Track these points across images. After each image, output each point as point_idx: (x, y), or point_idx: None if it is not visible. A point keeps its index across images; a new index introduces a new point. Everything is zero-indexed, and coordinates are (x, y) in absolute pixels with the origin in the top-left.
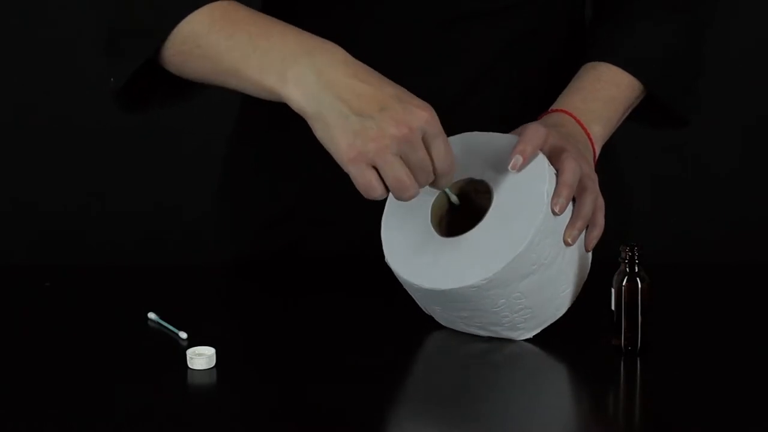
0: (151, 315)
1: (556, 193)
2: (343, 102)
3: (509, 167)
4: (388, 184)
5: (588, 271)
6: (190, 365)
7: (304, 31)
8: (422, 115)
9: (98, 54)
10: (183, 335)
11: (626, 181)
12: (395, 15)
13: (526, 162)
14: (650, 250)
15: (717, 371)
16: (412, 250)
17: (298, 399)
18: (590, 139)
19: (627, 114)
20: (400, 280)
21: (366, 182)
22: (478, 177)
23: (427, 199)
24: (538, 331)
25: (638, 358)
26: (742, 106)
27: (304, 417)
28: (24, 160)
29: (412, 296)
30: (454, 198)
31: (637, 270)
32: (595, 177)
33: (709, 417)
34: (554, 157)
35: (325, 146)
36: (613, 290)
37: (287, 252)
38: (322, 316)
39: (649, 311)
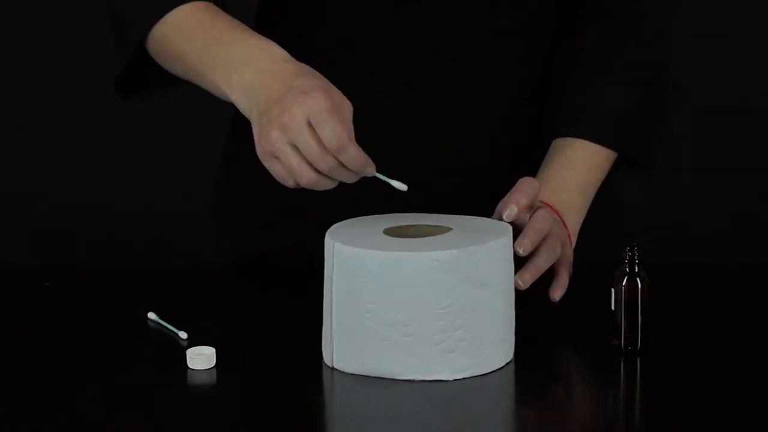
0: (151, 315)
1: (522, 235)
2: (257, 104)
3: (504, 216)
4: (292, 174)
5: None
6: (190, 365)
7: (254, 35)
8: (306, 101)
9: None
10: (183, 335)
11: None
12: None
13: (521, 211)
14: (648, 249)
15: (717, 372)
16: (365, 237)
17: (298, 399)
18: (566, 229)
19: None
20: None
21: (277, 174)
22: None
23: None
24: (465, 374)
25: (638, 359)
26: (742, 104)
27: (304, 417)
28: (24, 160)
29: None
30: (396, 184)
31: (637, 270)
32: (569, 253)
33: (709, 417)
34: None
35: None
36: (613, 290)
37: (287, 249)
38: (322, 316)
39: (649, 311)
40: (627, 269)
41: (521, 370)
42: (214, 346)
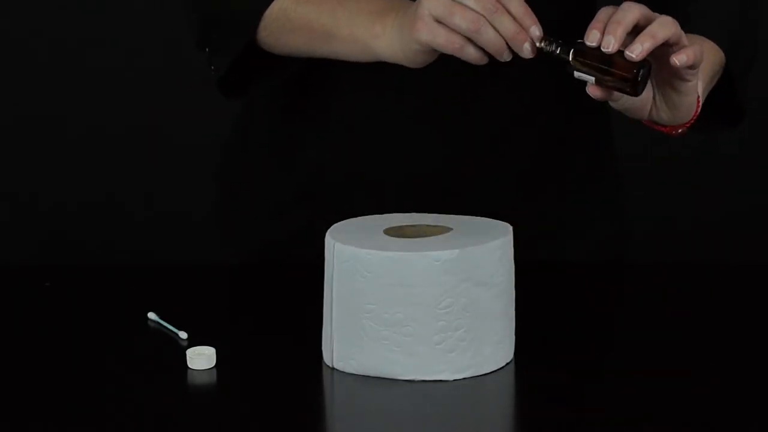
0: (151, 315)
1: (588, 30)
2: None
3: (593, 42)
4: (454, 25)
5: None
6: (190, 365)
7: None
8: None
9: (193, 46)
10: (183, 335)
11: (622, 182)
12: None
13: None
14: (649, 249)
15: (717, 372)
16: (365, 237)
17: (298, 399)
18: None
19: (711, 84)
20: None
21: (442, 40)
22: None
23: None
24: (465, 374)
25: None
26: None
27: (304, 417)
28: (24, 160)
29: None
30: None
31: (564, 43)
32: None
33: (709, 416)
34: None
35: (413, 63)
36: (580, 73)
37: (291, 241)
38: (322, 315)
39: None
40: (562, 53)
41: (521, 370)
42: (214, 346)
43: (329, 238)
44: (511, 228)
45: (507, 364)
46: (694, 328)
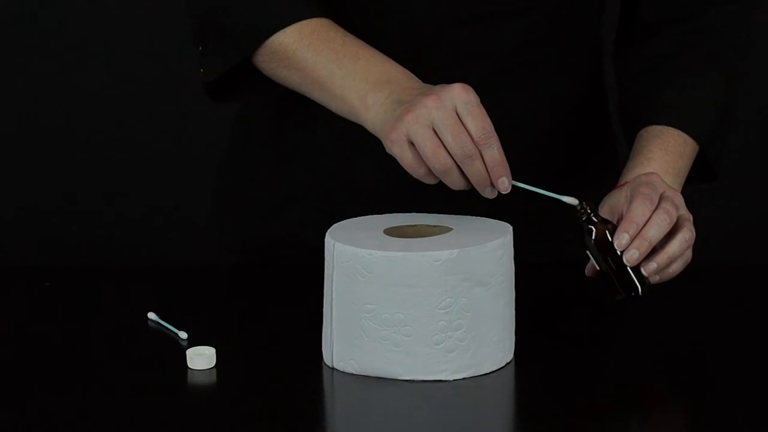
0: (151, 315)
1: (620, 230)
2: (400, 103)
3: (624, 254)
4: (424, 157)
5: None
6: (190, 365)
7: (388, 59)
8: (454, 88)
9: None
10: (183, 335)
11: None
12: (407, 13)
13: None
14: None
15: (718, 372)
16: (365, 237)
17: (298, 399)
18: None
19: None
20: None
21: (408, 161)
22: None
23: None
24: (465, 374)
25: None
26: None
27: (304, 417)
28: (24, 160)
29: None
30: (566, 198)
31: (596, 220)
32: (688, 215)
33: (711, 417)
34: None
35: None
36: (588, 253)
37: (289, 239)
38: (321, 315)
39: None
40: (589, 226)
41: (521, 370)
42: (214, 346)
43: (329, 239)
44: (510, 228)
45: (507, 364)
46: (694, 328)
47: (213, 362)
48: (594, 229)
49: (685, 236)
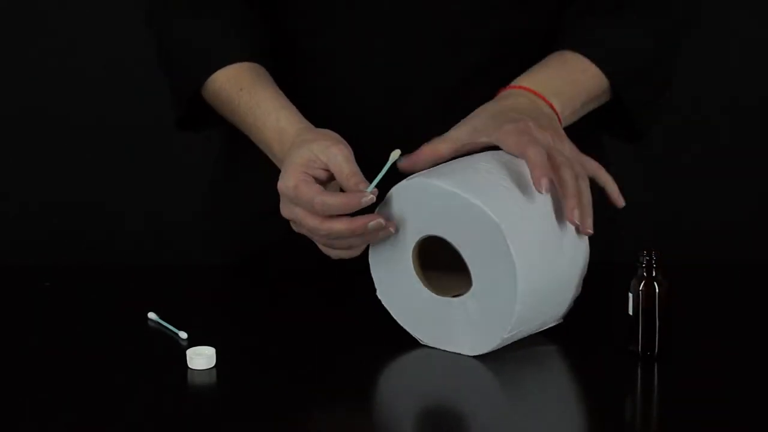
0: (151, 315)
1: (533, 177)
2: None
3: (542, 191)
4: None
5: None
6: (190, 365)
7: (292, 113)
8: (281, 186)
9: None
10: (183, 335)
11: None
12: (390, 11)
13: (549, 181)
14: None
15: (718, 372)
16: (403, 296)
17: (298, 399)
18: (553, 109)
19: (588, 107)
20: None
21: (295, 227)
22: (433, 233)
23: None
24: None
25: (655, 364)
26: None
27: (305, 417)
28: (24, 160)
29: None
30: (392, 158)
31: (654, 274)
32: (564, 147)
33: (711, 418)
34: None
35: None
36: (630, 295)
37: (280, 244)
38: (321, 315)
39: (666, 316)
40: (645, 273)
41: (525, 370)
42: (214, 346)
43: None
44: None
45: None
46: (694, 329)
47: (213, 362)
48: (658, 287)
49: (566, 174)
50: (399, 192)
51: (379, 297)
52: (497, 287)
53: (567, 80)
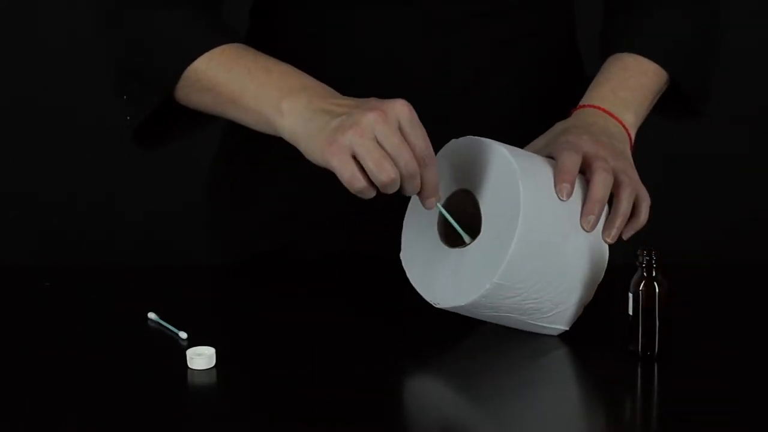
0: (151, 315)
1: (585, 211)
2: (326, 113)
3: (563, 197)
4: (368, 170)
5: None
6: (190, 365)
7: (302, 72)
8: (396, 104)
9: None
10: (183, 335)
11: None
12: (398, 12)
13: (572, 187)
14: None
15: (728, 374)
16: (422, 259)
17: (298, 399)
18: (624, 128)
19: (653, 104)
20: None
21: (349, 174)
22: (464, 187)
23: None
24: (571, 321)
25: (655, 364)
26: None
27: (305, 417)
28: (24, 160)
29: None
30: (449, 218)
31: (654, 274)
32: (631, 171)
33: (711, 417)
34: (586, 167)
35: (312, 159)
36: (630, 294)
37: (280, 254)
38: (321, 316)
39: (666, 316)
40: (644, 273)
41: (528, 370)
42: (214, 346)
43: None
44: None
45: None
46: (694, 329)
47: (213, 362)
48: (658, 287)
49: (626, 191)
50: (448, 148)
51: (401, 258)
52: (499, 233)
53: (633, 87)
